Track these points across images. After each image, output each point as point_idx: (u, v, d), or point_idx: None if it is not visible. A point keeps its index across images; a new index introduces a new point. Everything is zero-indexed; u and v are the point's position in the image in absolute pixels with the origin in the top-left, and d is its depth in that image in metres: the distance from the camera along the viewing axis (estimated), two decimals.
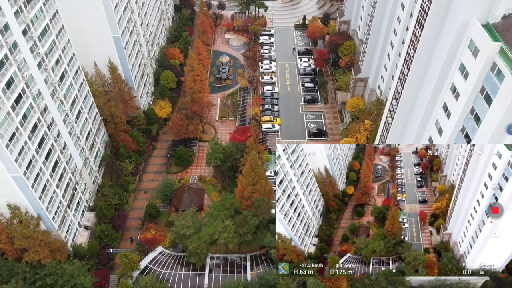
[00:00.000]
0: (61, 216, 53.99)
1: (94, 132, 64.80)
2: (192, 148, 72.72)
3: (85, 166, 61.58)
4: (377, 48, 70.11)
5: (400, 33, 61.66)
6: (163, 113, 76.01)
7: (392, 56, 65.31)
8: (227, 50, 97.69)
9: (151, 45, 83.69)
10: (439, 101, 41.47)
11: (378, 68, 71.21)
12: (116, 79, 68.41)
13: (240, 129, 72.27)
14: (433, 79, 41.26)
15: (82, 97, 60.55)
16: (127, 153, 66.90)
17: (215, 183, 68.17)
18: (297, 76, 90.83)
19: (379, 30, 68.28)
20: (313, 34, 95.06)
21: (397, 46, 62.95)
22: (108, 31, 64.25)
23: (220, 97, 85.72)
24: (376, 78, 72.71)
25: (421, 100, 44.88)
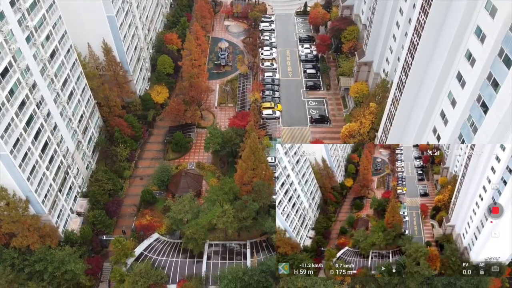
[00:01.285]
0: (52, 200, 51.35)
1: (87, 115, 62.14)
2: (190, 134, 70.10)
3: (78, 150, 58.93)
4: (382, 29, 67.48)
5: (407, 12, 59.00)
6: (160, 98, 73.36)
7: (398, 36, 62.70)
8: (226, 37, 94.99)
9: (148, 30, 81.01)
10: (451, 72, 38.80)
11: (383, 51, 68.60)
12: (111, 61, 65.72)
13: (239, 114, 69.69)
14: (445, 50, 38.64)
15: (74, 78, 57.89)
16: (122, 138, 64.24)
17: (214, 169, 65.57)
18: (299, 62, 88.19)
19: (384, 10, 65.64)
20: (315, 20, 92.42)
21: (403, 25, 60.32)
22: (102, 9, 61.61)
23: (219, 83, 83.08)
24: (381, 61, 70.10)
25: (431, 73, 42.15)
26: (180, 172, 60.38)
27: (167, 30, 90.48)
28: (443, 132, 39.26)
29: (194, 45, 73.02)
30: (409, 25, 59.03)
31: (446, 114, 38.36)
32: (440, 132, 39.78)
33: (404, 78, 44.52)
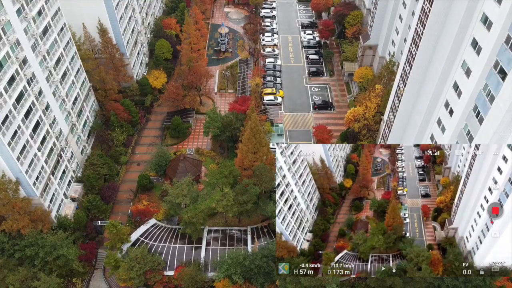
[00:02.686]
0: (44, 183, 49.10)
1: (82, 98, 59.86)
2: (189, 120, 67.80)
3: (72, 133, 56.68)
4: (388, 10, 65.13)
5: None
6: (158, 83, 71.06)
7: (404, 17, 60.35)
8: (227, 23, 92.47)
9: (146, 14, 78.67)
10: (457, 60, 36.47)
11: (389, 33, 66.27)
12: (107, 42, 63.43)
13: (240, 99, 67.35)
14: (451, 35, 36.28)
15: (68, 57, 55.62)
16: (118, 122, 61.98)
17: (213, 155, 63.32)
18: (301, 49, 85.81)
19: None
20: (317, 6, 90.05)
21: (410, 4, 57.97)
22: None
23: (219, 69, 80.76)
24: (386, 44, 67.77)
25: (437, 61, 39.69)
26: (178, 157, 58.14)
27: (166, 16, 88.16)
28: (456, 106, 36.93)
29: (193, 29, 70.75)
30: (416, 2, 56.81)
31: (460, 86, 36.01)
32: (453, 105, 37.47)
33: (414, 50, 42.13)
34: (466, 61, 34.58)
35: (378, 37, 69.75)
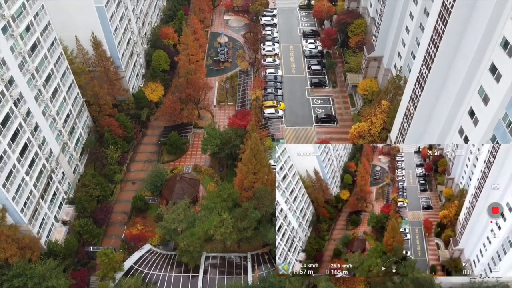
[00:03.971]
0: (32, 208, 46.55)
1: (74, 114, 57.29)
2: (186, 135, 65.19)
3: (63, 153, 54.11)
4: (394, 21, 62.48)
5: (421, 2, 54.03)
6: (155, 96, 68.48)
7: (411, 29, 57.70)
8: (226, 32, 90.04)
9: (142, 23, 76.09)
10: (473, 84, 33.79)
11: (395, 44, 63.63)
12: (101, 55, 60.89)
13: (240, 113, 64.77)
14: (476, 38, 33.62)
15: (59, 73, 53.06)
16: (113, 139, 59.40)
17: (212, 173, 60.70)
18: (303, 58, 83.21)
19: (396, 0, 60.66)
20: (320, 14, 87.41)
21: (418, 16, 55.38)
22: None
23: (218, 80, 78.18)
24: (392, 56, 65.13)
25: (458, 66, 36.90)
26: (174, 177, 55.51)
27: (163, 24, 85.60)
28: (471, 133, 34.35)
29: (191, 39, 68.15)
30: (424, 16, 54.24)
31: (476, 113, 33.43)
32: (468, 133, 34.88)
33: (425, 71, 39.52)
34: (484, 87, 31.97)
35: (383, 49, 67.11)
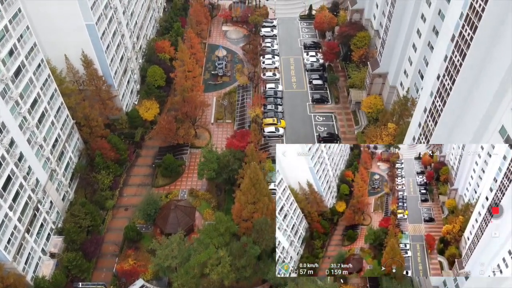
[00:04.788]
0: (17, 244, 43.59)
1: (63, 138, 54.30)
2: (182, 156, 62.16)
3: (51, 180, 51.13)
4: (400, 37, 59.43)
5: (430, 19, 50.98)
6: (149, 115, 65.45)
7: (419, 46, 54.62)
8: (225, 44, 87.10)
9: (137, 37, 73.11)
10: (493, 122, 30.57)
11: (401, 62, 60.56)
12: (92, 75, 57.97)
13: (238, 133, 61.75)
14: (488, 94, 30.35)
15: (46, 97, 50.09)
16: (104, 163, 56.42)
17: (209, 198, 57.68)
18: (304, 72, 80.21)
19: (403, 16, 57.62)
20: (321, 25, 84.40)
21: (426, 34, 52.30)
22: (80, 16, 53.79)
23: (216, 96, 75.19)
24: (398, 74, 62.06)
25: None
26: (169, 205, 52.45)
27: (159, 36, 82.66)
28: None
29: (188, 55, 65.16)
30: (433, 34, 51.25)
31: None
32: None
33: (448, 83, 35.18)
34: (505, 127, 28.95)
35: (388, 65, 64.08)
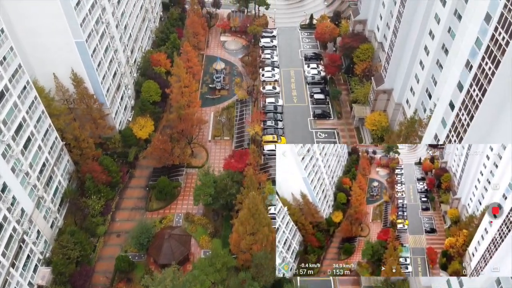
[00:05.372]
0: (2, 280, 40.77)
1: (52, 162, 51.50)
2: (178, 178, 59.35)
3: (38, 209, 48.31)
4: (406, 53, 56.61)
5: (440, 36, 48.15)
6: (143, 133, 62.63)
7: (427, 64, 51.80)
8: (223, 55, 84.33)
9: (131, 51, 70.33)
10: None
11: (407, 78, 57.73)
12: (82, 94, 55.19)
13: (236, 153, 58.90)
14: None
15: (33, 120, 47.30)
16: (95, 187, 53.63)
17: (206, 223, 54.85)
18: (305, 85, 77.39)
19: (409, 31, 54.79)
20: (322, 35, 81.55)
21: (435, 51, 49.48)
22: (69, 33, 51.01)
23: (214, 111, 72.41)
24: (403, 90, 59.23)
25: None
26: (162, 234, 49.56)
27: (155, 48, 79.91)
28: None
29: (184, 70, 62.44)
30: (442, 52, 48.44)
31: None
32: None
33: None
34: None
35: (393, 82, 61.26)
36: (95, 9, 55.28)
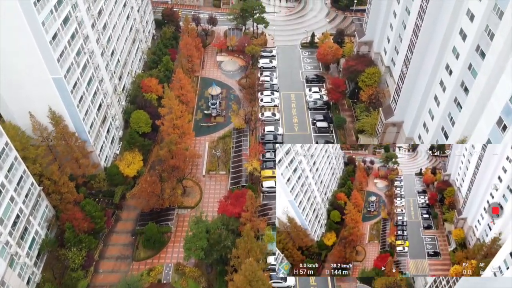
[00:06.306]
0: None
1: (27, 212, 46.31)
2: (168, 223, 54.13)
3: (12, 267, 43.16)
4: (419, 86, 51.49)
5: (459, 72, 42.94)
6: (131, 170, 57.43)
7: (443, 101, 46.64)
8: (219, 77, 79.21)
9: (119, 77, 65.23)
10: None
11: (419, 112, 52.62)
12: (62, 133, 50.09)
13: (232, 195, 53.73)
14: None
15: (3, 170, 42.10)
16: (76, 237, 48.44)
17: (198, 276, 49.70)
18: (306, 111, 72.23)
19: (422, 64, 49.71)
20: (325, 57, 76.35)
21: (453, 88, 44.26)
22: (45, 70, 45.94)
23: (209, 141, 67.23)
24: (415, 125, 54.14)
25: None
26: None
27: (147, 70, 74.85)
28: None
29: (176, 102, 57.67)
30: (461, 89, 43.27)
31: None
32: None
33: None
34: None
35: (404, 114, 56.13)
36: (75, 40, 50.17)
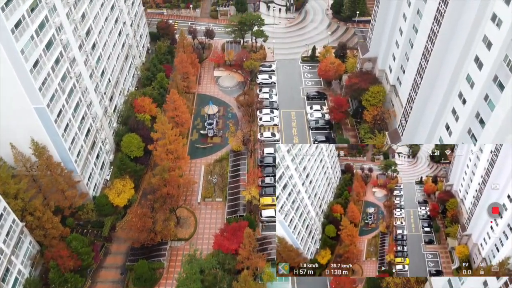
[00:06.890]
0: None
1: (8, 252, 42.89)
2: (160, 259, 50.63)
3: None
4: (428, 113, 48.13)
5: (474, 102, 39.56)
6: (121, 200, 54.04)
7: (455, 130, 43.21)
8: (217, 93, 75.87)
9: (110, 98, 61.89)
10: None
11: (429, 139, 49.24)
12: (46, 164, 46.72)
13: (229, 229, 50.22)
14: None
15: None
16: (61, 276, 45.02)
17: None
18: (307, 130, 68.80)
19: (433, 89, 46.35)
20: (327, 73, 72.98)
21: (468, 118, 40.85)
22: (26, 100, 42.59)
23: (205, 164, 63.84)
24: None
25: None
26: None
27: (141, 88, 71.56)
28: None
29: (169, 127, 54.35)
30: (476, 120, 39.85)
31: None
32: None
33: None
34: None
35: (412, 139, 52.72)
36: (60, 64, 46.82)
